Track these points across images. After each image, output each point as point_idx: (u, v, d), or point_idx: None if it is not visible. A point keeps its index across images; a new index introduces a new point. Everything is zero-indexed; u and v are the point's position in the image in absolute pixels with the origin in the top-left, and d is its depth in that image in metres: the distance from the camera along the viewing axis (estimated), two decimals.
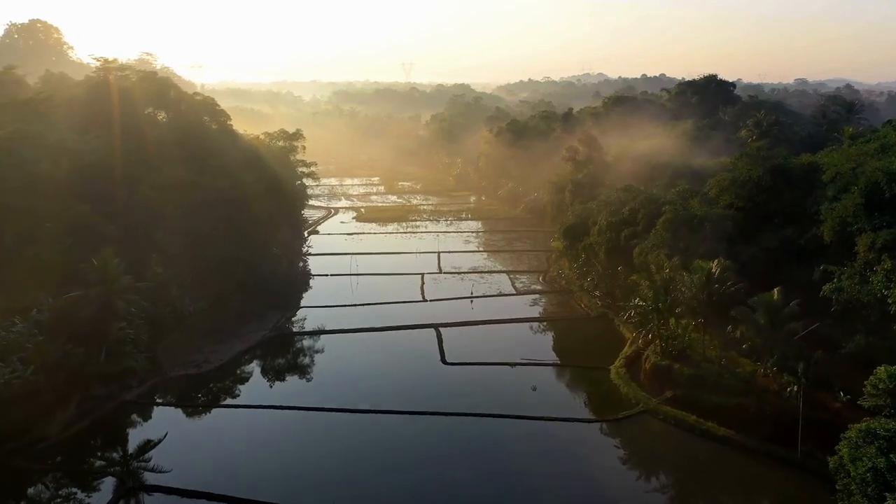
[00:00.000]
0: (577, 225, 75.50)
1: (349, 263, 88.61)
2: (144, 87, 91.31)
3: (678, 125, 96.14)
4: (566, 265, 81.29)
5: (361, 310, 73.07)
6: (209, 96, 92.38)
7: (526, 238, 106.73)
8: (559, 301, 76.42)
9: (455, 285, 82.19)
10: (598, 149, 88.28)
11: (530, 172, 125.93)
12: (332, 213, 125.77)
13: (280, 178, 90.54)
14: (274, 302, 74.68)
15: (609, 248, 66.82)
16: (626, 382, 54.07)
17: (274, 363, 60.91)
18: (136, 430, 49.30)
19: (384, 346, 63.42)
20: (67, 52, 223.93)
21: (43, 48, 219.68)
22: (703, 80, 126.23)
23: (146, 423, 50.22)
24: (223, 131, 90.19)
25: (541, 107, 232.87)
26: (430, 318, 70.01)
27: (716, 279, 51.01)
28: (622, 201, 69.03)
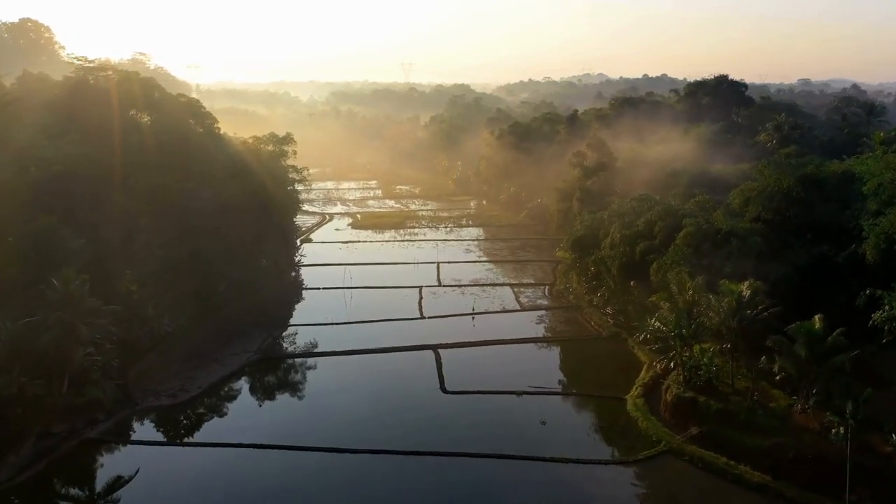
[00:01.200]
0: (586, 237, 70.25)
1: (343, 275, 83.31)
2: (126, 87, 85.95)
3: (692, 128, 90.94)
4: (574, 279, 76.07)
5: (355, 328, 67.85)
6: (194, 98, 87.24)
7: (530, 247, 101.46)
8: (567, 318, 71.18)
9: (455, 300, 76.96)
10: (607, 154, 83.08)
11: (534, 177, 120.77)
12: (326, 220, 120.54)
13: (269, 184, 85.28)
14: (261, 319, 69.53)
15: (623, 263, 61.60)
16: (644, 415, 48.83)
17: (257, 392, 55.60)
18: (102, 471, 44.13)
19: (378, 371, 58.19)
20: (59, 52, 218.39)
21: (33, 48, 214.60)
22: (714, 81, 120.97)
23: (112, 461, 45.00)
24: (209, 135, 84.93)
25: (542, 108, 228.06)
26: (428, 337, 64.79)
27: (746, 303, 45.79)
28: (636, 212, 63.81)
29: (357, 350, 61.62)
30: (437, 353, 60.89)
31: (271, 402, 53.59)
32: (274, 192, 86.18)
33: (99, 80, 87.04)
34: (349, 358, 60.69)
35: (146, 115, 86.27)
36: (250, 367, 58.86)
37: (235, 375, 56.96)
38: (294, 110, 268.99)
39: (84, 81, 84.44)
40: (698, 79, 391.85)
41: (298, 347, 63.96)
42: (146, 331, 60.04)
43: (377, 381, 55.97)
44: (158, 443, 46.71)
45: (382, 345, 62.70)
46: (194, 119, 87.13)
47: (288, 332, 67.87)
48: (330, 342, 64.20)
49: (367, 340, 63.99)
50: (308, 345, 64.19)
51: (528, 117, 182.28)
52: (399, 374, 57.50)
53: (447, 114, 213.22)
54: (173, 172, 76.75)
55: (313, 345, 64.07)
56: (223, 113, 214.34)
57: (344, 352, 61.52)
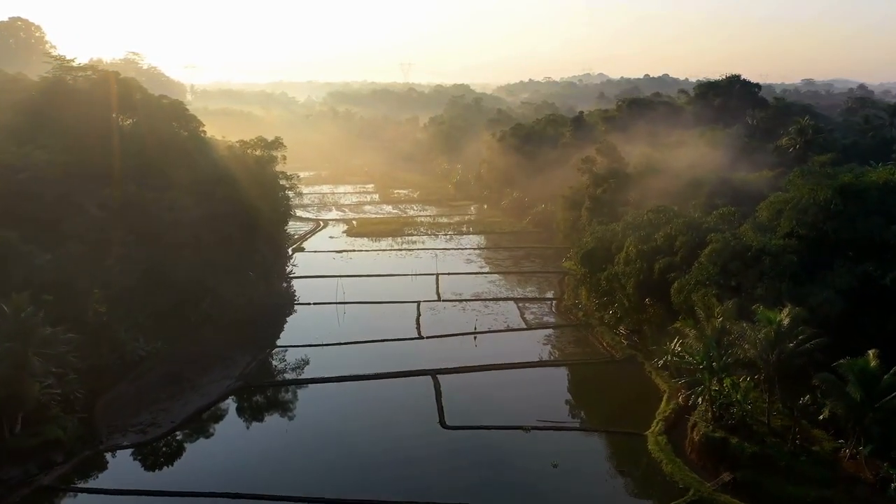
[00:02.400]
0: (597, 250, 64.95)
1: (336, 289, 77.94)
2: (105, 89, 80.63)
3: (707, 132, 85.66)
4: (584, 294, 70.74)
5: (347, 350, 62.52)
6: (177, 100, 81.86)
7: (534, 256, 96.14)
8: (576, 337, 65.85)
9: (456, 316, 71.65)
10: (618, 159, 77.78)
11: (537, 182, 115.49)
12: (320, 227, 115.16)
13: (257, 191, 79.95)
14: (245, 339, 64.25)
15: (639, 281, 56.32)
16: (669, 457, 43.51)
17: (234, 427, 50.10)
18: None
19: (372, 401, 52.88)
20: (50, 52, 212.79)
21: (24, 47, 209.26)
22: (725, 81, 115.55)
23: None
24: (194, 139, 79.61)
25: (544, 108, 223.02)
26: (427, 360, 59.53)
27: (786, 333, 40.50)
28: (654, 225, 58.53)
29: (348, 376, 56.31)
30: (437, 380, 55.60)
31: (251, 440, 48.11)
32: (262, 199, 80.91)
33: (77, 81, 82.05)
34: (340, 386, 55.38)
35: (127, 118, 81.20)
36: (231, 396, 53.49)
37: (214, 406, 51.56)
38: (291, 111, 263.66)
39: (61, 82, 79.29)
40: (700, 79, 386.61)
41: (285, 372, 58.68)
42: (117, 356, 54.87)
43: (370, 414, 50.60)
44: (121, 491, 41.24)
45: (377, 369, 57.40)
46: (178, 122, 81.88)
47: (274, 353, 62.56)
48: (320, 366, 58.94)
49: (361, 364, 58.72)
50: (296, 369, 58.93)
51: (530, 118, 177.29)
52: (394, 404, 52.15)
53: (447, 115, 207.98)
54: (154, 179, 71.81)
55: (301, 369, 58.82)
56: (217, 114, 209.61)
57: (334, 378, 56.19)
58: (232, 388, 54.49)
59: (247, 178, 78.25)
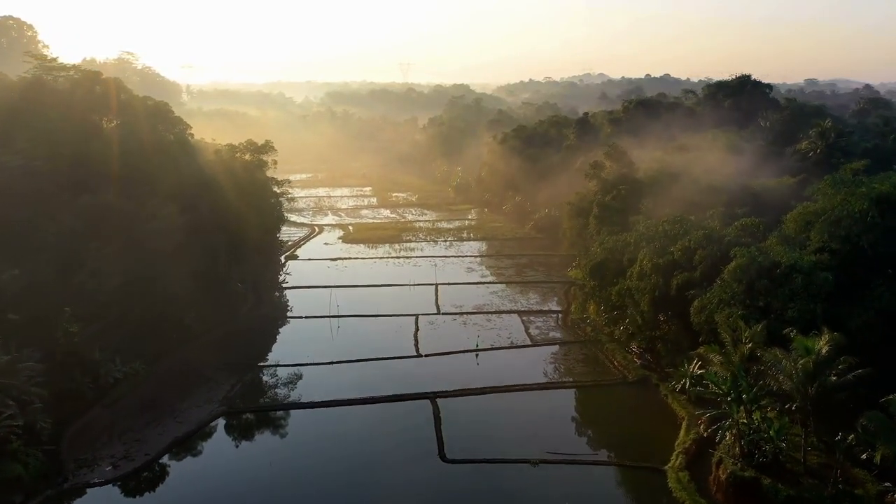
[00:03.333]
0: (608, 262, 60.82)
1: (329, 300, 73.69)
2: (87, 89, 76.53)
3: (719, 135, 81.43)
4: (592, 309, 66.54)
5: (340, 370, 58.30)
6: (162, 101, 77.63)
7: (538, 265, 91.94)
8: (585, 355, 61.66)
9: (456, 331, 67.45)
10: (627, 164, 73.55)
11: (540, 186, 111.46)
12: (315, 232, 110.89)
13: (246, 197, 75.85)
14: (230, 358, 60.04)
15: (655, 298, 52.13)
16: (692, 497, 39.42)
17: (215, 459, 45.78)
18: None
19: (366, 429, 48.63)
20: (43, 52, 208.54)
21: (15, 47, 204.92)
22: (736, 81, 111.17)
23: None
24: (179, 142, 75.38)
25: (545, 109, 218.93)
26: (425, 381, 55.40)
27: (824, 362, 36.32)
28: (669, 236, 54.34)
29: (341, 401, 52.14)
30: (436, 405, 51.44)
31: (231, 475, 43.75)
32: (252, 205, 76.83)
33: (58, 81, 77.98)
34: (331, 411, 51.21)
35: (110, 120, 77.05)
36: (213, 423, 49.26)
37: (193, 436, 47.31)
38: (287, 112, 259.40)
39: (39, 82, 75.10)
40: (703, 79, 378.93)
41: (272, 395, 54.45)
42: (90, 379, 50.66)
43: (363, 445, 46.34)
44: None
45: (372, 392, 53.25)
46: (164, 125, 77.70)
47: (262, 374, 58.26)
48: (310, 388, 54.79)
49: (355, 385, 54.58)
50: (284, 392, 54.71)
51: (531, 119, 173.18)
52: (390, 434, 47.89)
53: (446, 115, 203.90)
54: (136, 186, 67.71)
55: (290, 392, 54.59)
56: (212, 115, 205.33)
57: (325, 403, 52.01)
58: (214, 413, 50.22)
59: (235, 184, 74.17)
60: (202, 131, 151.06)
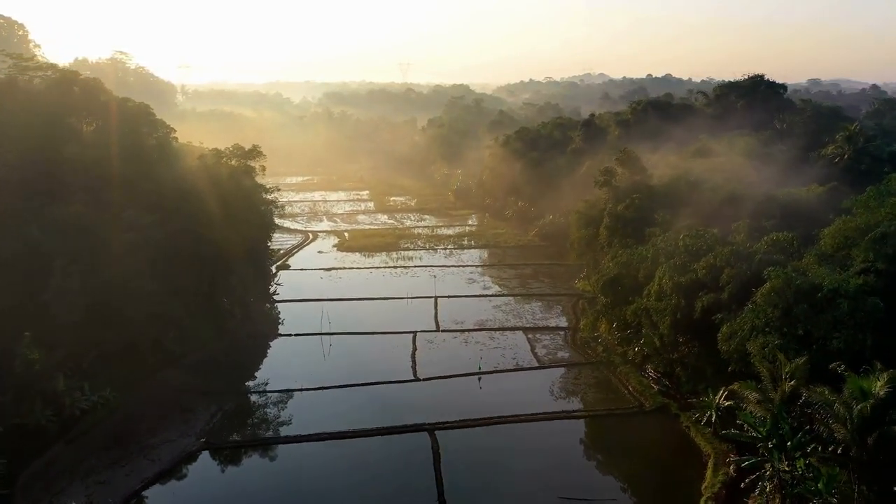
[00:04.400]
0: (622, 278, 56.05)
1: (322, 315, 68.85)
2: (64, 90, 71.75)
3: (736, 138, 76.67)
4: (604, 327, 61.74)
5: (331, 396, 53.57)
6: (143, 103, 72.70)
7: (543, 275, 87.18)
8: (597, 379, 56.84)
9: (457, 351, 62.68)
10: (640, 171, 68.71)
11: (544, 190, 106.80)
12: (309, 240, 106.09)
13: (234, 205, 71.00)
14: (213, 382, 55.26)
15: (676, 320, 47.33)
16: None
17: None
18: None
19: (357, 469, 43.76)
20: (33, 51, 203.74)
21: (4, 46, 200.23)
22: (748, 82, 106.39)
23: None
24: (161, 147, 70.59)
25: (547, 110, 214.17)
26: (424, 410, 50.60)
27: (882, 405, 31.54)
28: (691, 252, 49.51)
29: (330, 433, 47.29)
30: (435, 439, 46.68)
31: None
32: (239, 214, 71.93)
33: (33, 82, 73.29)
34: (319, 446, 46.42)
35: (89, 124, 72.30)
36: (187, 461, 44.46)
37: (164, 476, 42.54)
38: (284, 112, 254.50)
39: (11, 82, 70.30)
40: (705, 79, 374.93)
41: (255, 427, 49.66)
42: (52, 412, 45.80)
43: (353, 490, 41.52)
44: None
45: (365, 422, 48.50)
46: (145, 128, 72.90)
47: (246, 401, 53.44)
48: (298, 417, 50.09)
49: (346, 415, 49.85)
50: (269, 422, 49.94)
51: (533, 120, 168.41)
52: (384, 475, 43.11)
53: (446, 116, 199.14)
54: (112, 193, 63.01)
55: (275, 423, 49.83)
56: (205, 116, 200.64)
57: (313, 436, 47.17)
58: (190, 449, 45.43)
59: (220, 191, 69.30)
60: (194, 133, 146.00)
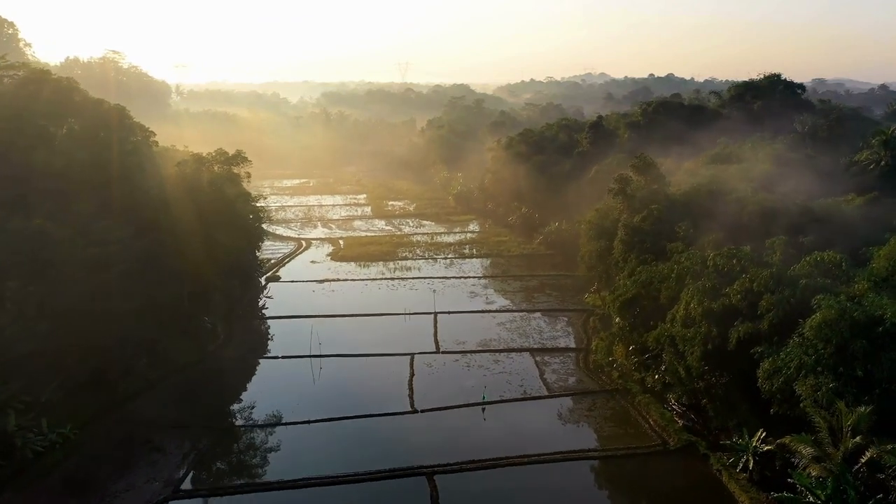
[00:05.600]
0: (641, 299, 50.74)
1: (312, 333, 63.40)
2: (35, 90, 66.42)
3: (760, 143, 71.31)
4: (620, 351, 56.37)
5: (319, 431, 48.19)
6: (118, 104, 67.32)
7: (550, 287, 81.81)
8: (614, 410, 51.47)
9: (458, 376, 57.34)
10: (658, 179, 63.32)
11: (549, 196, 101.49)
12: (302, 248, 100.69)
13: (215, 216, 65.75)
14: (189, 414, 49.93)
15: (707, 351, 41.94)
16: None
17: None
18: None
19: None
20: (23, 50, 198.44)
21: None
22: (765, 82, 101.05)
23: None
24: (138, 152, 65.21)
25: (549, 110, 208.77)
26: (421, 448, 45.39)
27: None
28: (721, 272, 44.14)
29: (316, 479, 41.93)
30: (434, 485, 41.38)
31: None
32: (223, 225, 66.69)
33: (2, 82, 68.09)
34: (302, 495, 41.04)
35: (60, 127, 66.92)
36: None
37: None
38: (280, 113, 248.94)
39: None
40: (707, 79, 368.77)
41: (232, 469, 44.25)
42: (3, 451, 40.56)
43: None
44: None
45: (355, 465, 43.19)
46: (122, 132, 67.49)
47: (223, 437, 47.90)
48: (281, 458, 44.82)
49: (335, 455, 44.71)
50: (246, 464, 44.60)
51: (536, 121, 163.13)
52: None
53: (446, 117, 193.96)
54: (83, 204, 57.82)
55: (255, 463, 44.51)
56: (198, 117, 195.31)
57: (298, 482, 41.80)
58: (155, 499, 40.05)
59: (201, 200, 64.06)
60: (185, 134, 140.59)
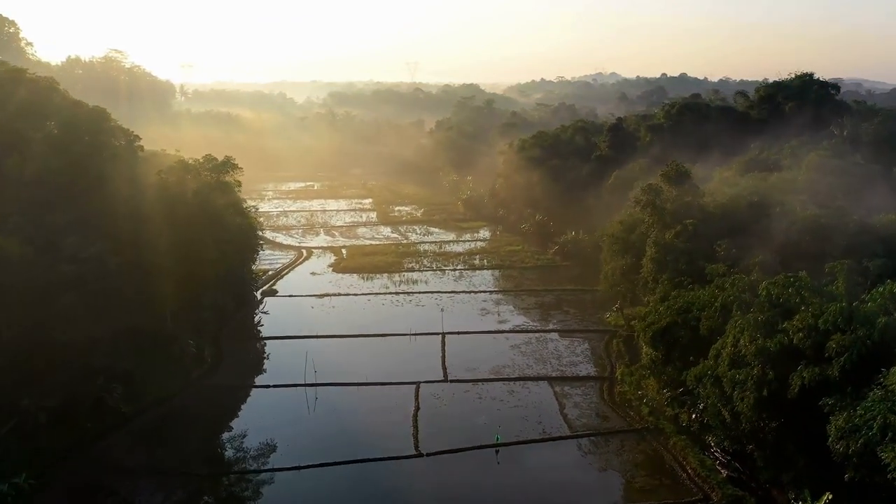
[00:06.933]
0: (676, 328, 44.61)
1: (307, 362, 57.56)
2: (8, 91, 61.09)
3: (800, 148, 64.96)
4: (652, 386, 50.22)
5: (311, 479, 42.37)
6: (99, 107, 61.73)
7: (567, 303, 75.70)
8: (645, 454, 45.27)
9: (468, 409, 51.40)
10: (692, 190, 57.03)
11: (565, 203, 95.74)
12: (302, 257, 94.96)
13: (203, 228, 60.07)
14: (164, 459, 44.09)
15: (762, 398, 35.79)
16: None
17: None
18: None
19: None
20: (24, 49, 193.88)
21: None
22: (798, 82, 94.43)
23: None
24: (118, 158, 59.61)
25: (562, 111, 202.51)
26: (427, 500, 39.42)
27: None
28: (776, 303, 37.95)
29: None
30: None
31: None
32: (208, 238, 61.00)
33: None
34: None
35: (37, 130, 61.49)
36: None
37: None
38: (285, 113, 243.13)
39: None
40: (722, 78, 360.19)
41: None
42: None
43: None
44: None
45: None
46: (105, 135, 61.99)
47: (200, 488, 42.23)
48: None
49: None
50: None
51: (548, 123, 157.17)
52: None
53: (455, 118, 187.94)
54: (56, 215, 52.52)
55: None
56: (200, 118, 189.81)
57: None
58: None
59: (186, 212, 58.40)
60: (185, 136, 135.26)
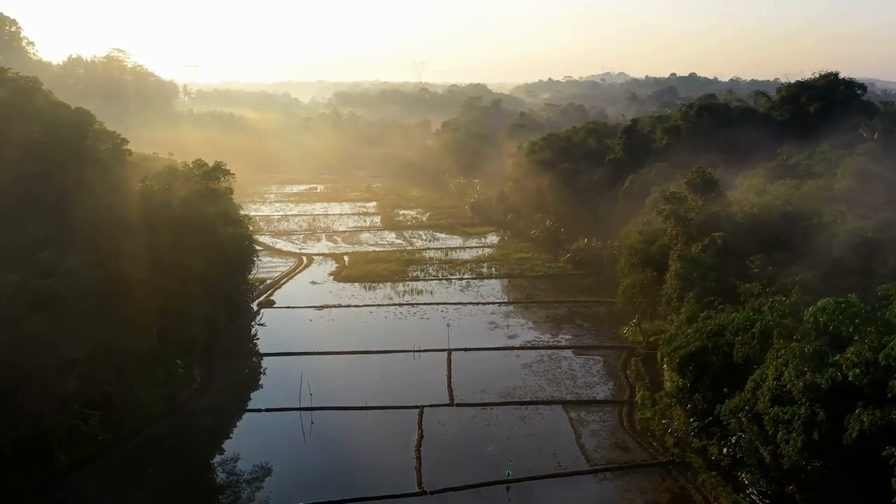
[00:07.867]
0: (707, 354, 40.39)
1: (302, 383, 53.55)
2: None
3: (831, 153, 60.60)
4: (678, 415, 45.96)
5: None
6: (83, 108, 57.93)
7: (580, 316, 71.49)
8: (672, 493, 40.96)
9: (476, 438, 47.29)
10: (719, 198, 52.77)
11: (577, 208, 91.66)
12: (303, 265, 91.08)
13: (192, 238, 56.27)
14: (136, 498, 40.16)
15: (811, 441, 31.55)
16: None
17: None
18: None
19: None
20: (25, 48, 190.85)
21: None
22: (823, 82, 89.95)
23: None
24: (102, 165, 55.85)
25: (571, 111, 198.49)
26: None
27: None
28: (824, 331, 33.69)
29: None
30: None
31: None
32: (200, 249, 57.20)
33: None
34: None
35: (16, 133, 57.69)
36: None
37: None
38: (289, 113, 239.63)
39: None
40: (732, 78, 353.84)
41: None
42: None
43: None
44: None
45: None
46: (89, 139, 58.25)
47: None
48: None
49: None
50: None
51: (558, 123, 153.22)
52: None
53: (462, 119, 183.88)
54: (32, 223, 48.73)
55: None
56: (202, 119, 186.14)
57: None
58: None
59: (173, 221, 54.59)
60: (186, 137, 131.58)
